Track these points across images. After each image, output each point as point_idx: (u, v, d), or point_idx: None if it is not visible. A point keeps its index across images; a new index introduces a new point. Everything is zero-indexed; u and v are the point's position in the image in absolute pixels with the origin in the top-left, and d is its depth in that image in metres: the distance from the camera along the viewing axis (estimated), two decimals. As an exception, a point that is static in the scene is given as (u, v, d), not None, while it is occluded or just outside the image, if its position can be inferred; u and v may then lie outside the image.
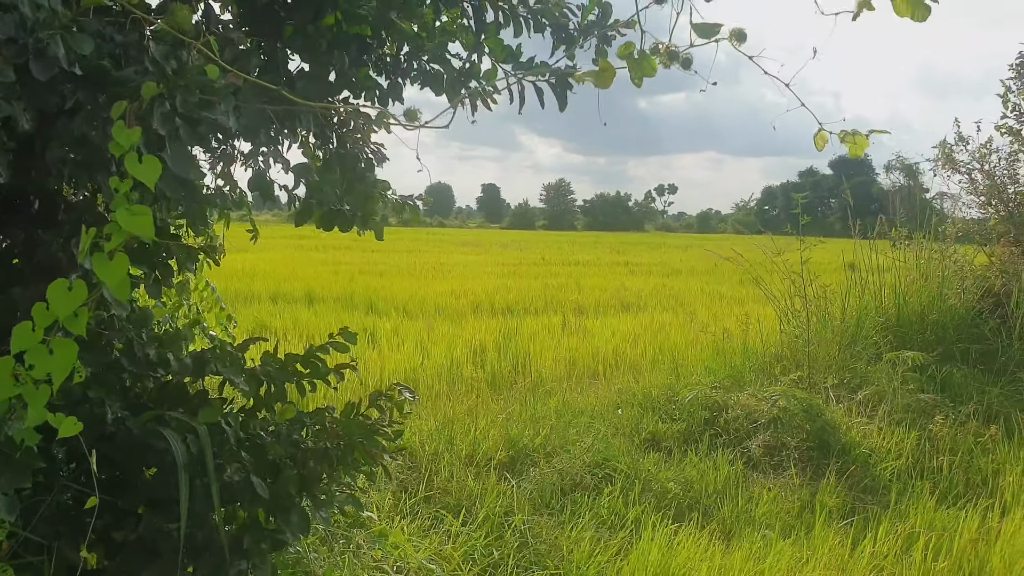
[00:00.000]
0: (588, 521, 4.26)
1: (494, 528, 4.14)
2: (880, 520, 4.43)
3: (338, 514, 3.61)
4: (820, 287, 7.54)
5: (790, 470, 5.06)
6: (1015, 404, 6.41)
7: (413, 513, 4.25)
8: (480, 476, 4.69)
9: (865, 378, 6.43)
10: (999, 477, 5.19)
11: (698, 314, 11.62)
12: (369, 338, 8.90)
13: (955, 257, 8.59)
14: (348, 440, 2.41)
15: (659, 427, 5.63)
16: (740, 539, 4.12)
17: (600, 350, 8.71)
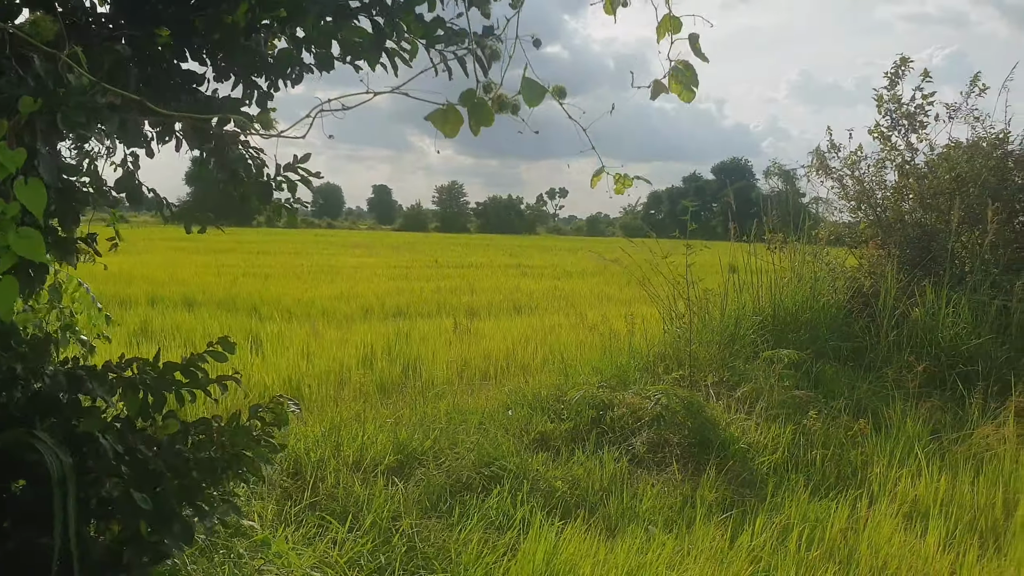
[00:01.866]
0: (477, 522, 4.27)
1: (381, 533, 4.10)
2: (758, 513, 4.61)
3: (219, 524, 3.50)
4: (702, 290, 7.81)
5: (672, 466, 5.20)
6: (882, 399, 6.77)
7: (297, 521, 4.17)
8: (367, 481, 4.63)
9: (743, 376, 6.67)
10: (868, 468, 5.46)
11: (588, 315, 11.81)
12: (252, 342, 8.68)
13: (827, 259, 9.03)
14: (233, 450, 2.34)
15: (548, 427, 5.69)
16: (624, 534, 4.21)
17: (492, 352, 8.75)
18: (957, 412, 6.63)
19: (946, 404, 6.75)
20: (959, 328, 7.51)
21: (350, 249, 35.75)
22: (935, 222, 8.83)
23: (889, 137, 9.20)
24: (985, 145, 8.81)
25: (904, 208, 9.26)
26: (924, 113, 9.04)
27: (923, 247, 8.73)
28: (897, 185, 9.29)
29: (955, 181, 8.68)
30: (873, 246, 9.10)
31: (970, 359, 7.24)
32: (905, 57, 9.14)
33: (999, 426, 6.09)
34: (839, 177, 9.48)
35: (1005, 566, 4.15)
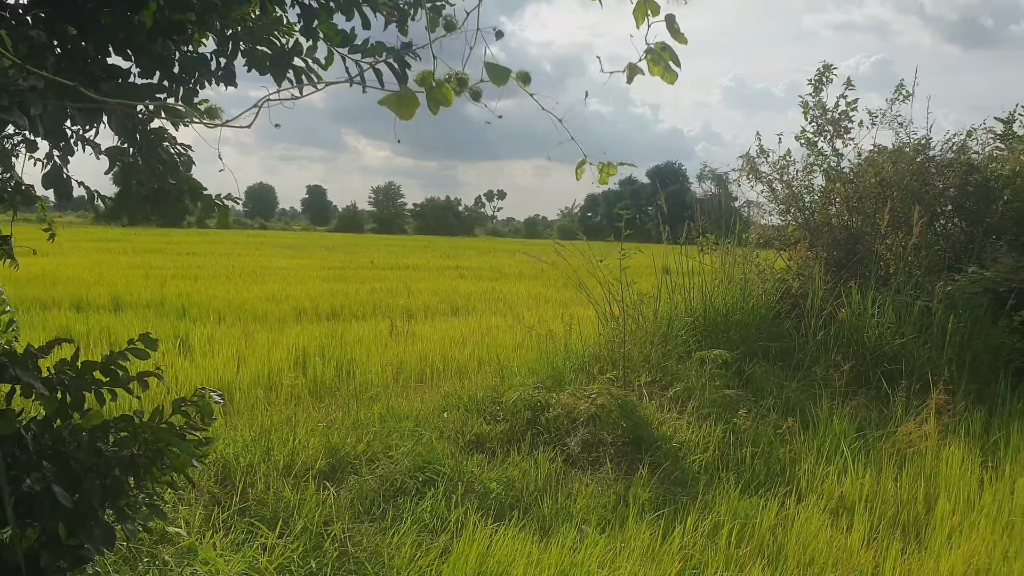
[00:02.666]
0: (410, 526, 4.23)
1: (312, 538, 4.04)
2: (689, 510, 4.67)
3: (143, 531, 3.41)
4: (637, 291, 7.89)
5: (607, 465, 5.24)
6: (810, 397, 6.92)
7: (226, 527, 4.08)
8: (299, 486, 4.56)
9: (676, 375, 6.76)
10: (796, 466, 5.59)
11: (525, 317, 11.83)
12: (181, 346, 8.48)
13: (757, 261, 9.20)
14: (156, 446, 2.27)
15: (484, 428, 5.68)
16: (557, 534, 4.22)
17: (428, 354, 8.71)
18: (882, 410, 6.82)
19: (871, 402, 6.95)
20: (883, 328, 7.72)
21: (283, 250, 35.21)
22: (861, 225, 9.08)
23: (815, 143, 9.42)
24: (908, 151, 9.09)
25: (831, 211, 9.50)
26: (848, 119, 9.29)
27: (849, 249, 8.96)
28: (824, 189, 9.52)
29: (880, 185, 8.93)
30: (801, 248, 9.31)
31: (894, 358, 7.45)
32: (828, 64, 9.38)
33: (921, 423, 6.28)
34: (769, 181, 9.67)
35: (925, 559, 4.28)
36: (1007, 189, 8.60)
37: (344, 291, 15.68)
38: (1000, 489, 5.26)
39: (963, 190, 8.90)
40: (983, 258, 8.11)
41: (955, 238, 9.00)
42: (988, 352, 7.75)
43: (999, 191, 8.64)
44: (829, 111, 9.31)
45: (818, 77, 9.37)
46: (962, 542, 4.44)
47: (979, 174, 8.94)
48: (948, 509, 4.90)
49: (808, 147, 9.42)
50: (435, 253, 38.16)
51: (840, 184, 9.33)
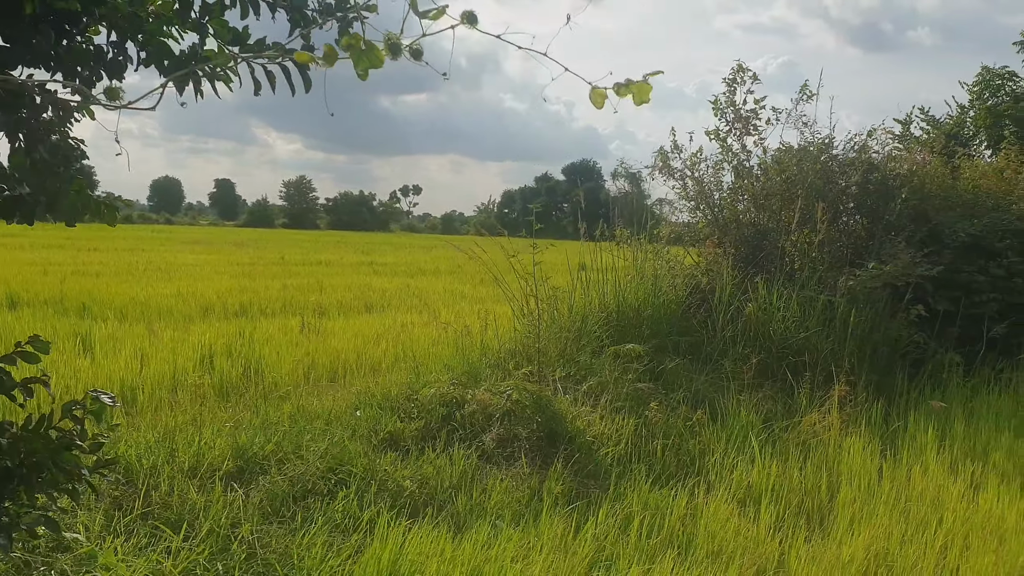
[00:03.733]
0: (321, 526, 4.15)
1: (219, 541, 3.92)
2: (602, 503, 4.71)
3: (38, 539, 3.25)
4: (552, 287, 7.92)
5: (521, 460, 5.24)
6: (719, 389, 7.08)
7: (128, 531, 3.92)
8: (205, 488, 4.42)
9: (590, 370, 6.81)
10: (705, 457, 5.70)
11: (441, 313, 11.78)
12: (82, 345, 8.13)
13: (668, 257, 9.35)
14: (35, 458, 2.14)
15: (398, 426, 5.61)
16: (472, 530, 4.20)
17: (341, 352, 8.57)
18: (787, 401, 7.03)
19: (777, 394, 7.14)
20: (789, 322, 7.94)
21: (190, 246, 34.21)
22: (767, 222, 9.32)
23: (725, 139, 9.62)
24: (813, 150, 9.37)
25: (739, 208, 9.73)
26: (756, 116, 9.52)
27: (756, 246, 9.19)
28: (733, 186, 9.75)
29: (786, 183, 9.20)
30: (710, 245, 9.51)
31: (799, 351, 7.67)
32: (742, 64, 9.60)
33: (824, 414, 6.49)
34: (681, 177, 9.83)
35: (828, 545, 4.42)
36: (904, 187, 8.96)
37: (253, 288, 15.32)
38: (898, 476, 5.48)
39: (864, 188, 9.23)
40: (882, 254, 8.43)
41: (856, 235, 9.34)
42: (887, 345, 8.07)
43: (897, 189, 8.99)
44: (739, 108, 9.52)
45: (733, 76, 9.57)
46: (863, 528, 4.60)
47: (879, 173, 9.29)
48: (850, 496, 5.07)
49: (719, 142, 9.62)
50: (349, 249, 37.68)
51: (748, 181, 9.57)
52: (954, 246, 8.76)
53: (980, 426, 6.67)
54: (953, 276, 8.57)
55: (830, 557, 4.23)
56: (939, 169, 9.77)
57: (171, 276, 17.48)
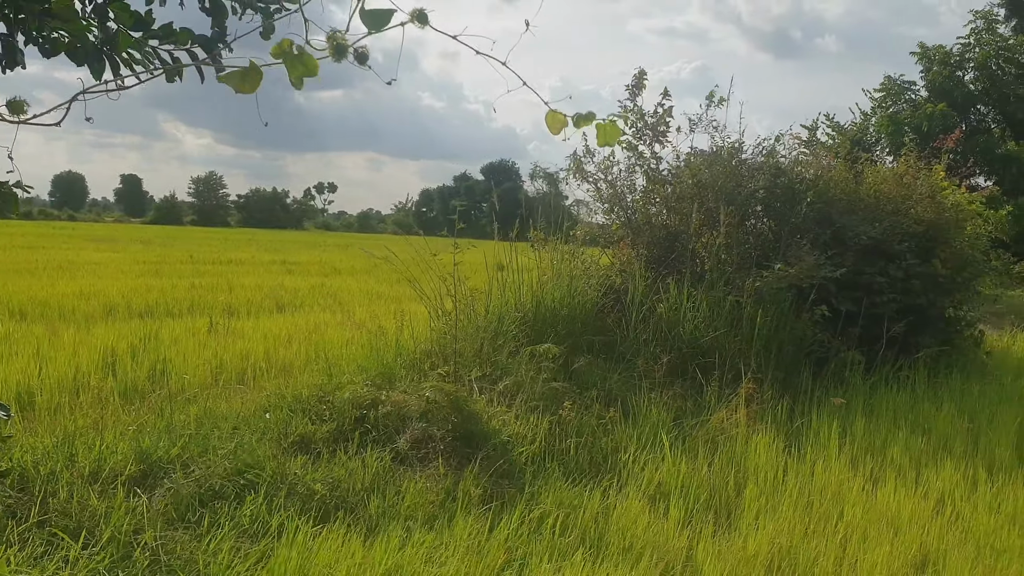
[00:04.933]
0: (228, 531, 4.04)
1: (121, 548, 3.79)
2: (516, 502, 4.73)
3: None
4: (469, 287, 7.91)
5: (436, 461, 5.21)
6: (631, 388, 7.17)
7: (23, 540, 3.75)
8: (106, 494, 4.25)
9: (506, 370, 6.83)
10: (617, 454, 5.77)
11: (355, 313, 11.64)
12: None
13: (584, 258, 9.45)
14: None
15: (309, 428, 5.50)
16: (384, 534, 4.16)
17: (251, 353, 8.38)
18: (697, 399, 7.18)
19: (687, 392, 7.29)
20: (698, 322, 8.12)
21: (94, 243, 32.97)
22: (678, 224, 9.51)
23: (636, 146, 9.77)
24: (723, 154, 9.60)
25: (652, 211, 9.90)
26: (665, 124, 9.69)
27: (668, 247, 9.36)
28: (646, 190, 9.91)
29: (696, 186, 9.39)
30: (624, 246, 9.65)
31: (708, 350, 7.85)
32: (642, 71, 9.73)
33: (732, 411, 6.66)
34: (595, 180, 9.95)
35: (735, 540, 4.53)
36: (810, 191, 9.25)
37: (160, 287, 14.86)
38: (802, 472, 5.66)
39: (771, 192, 9.49)
40: (788, 256, 8.69)
41: (764, 237, 9.60)
42: (792, 344, 8.32)
43: (803, 193, 9.27)
44: (647, 116, 9.68)
45: (635, 83, 9.71)
46: (768, 522, 4.74)
47: (786, 177, 9.56)
48: (756, 492, 5.21)
49: (629, 150, 9.76)
50: (260, 247, 36.91)
51: (660, 185, 9.74)
52: (856, 249, 9.09)
53: (879, 422, 6.94)
54: (855, 278, 8.90)
55: (736, 551, 4.34)
56: (843, 174, 10.11)
57: (73, 274, 16.83)
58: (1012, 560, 4.46)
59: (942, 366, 9.10)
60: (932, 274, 9.34)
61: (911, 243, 9.38)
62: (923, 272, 9.25)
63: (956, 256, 9.88)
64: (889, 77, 24.04)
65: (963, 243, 10.15)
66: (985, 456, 6.29)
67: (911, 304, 9.15)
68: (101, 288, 13.88)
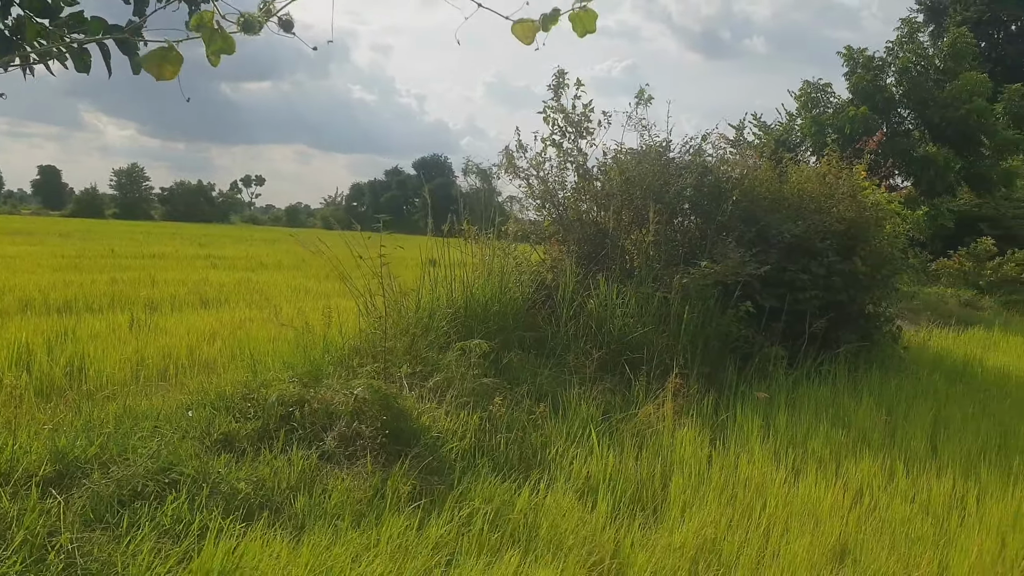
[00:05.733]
0: (149, 532, 3.93)
1: (35, 551, 3.65)
2: (446, 499, 4.71)
3: None
4: (400, 283, 7.84)
5: (365, 459, 5.15)
6: (561, 383, 7.22)
7: (-74, 548, 3.58)
8: (19, 495, 4.09)
9: (436, 366, 6.79)
10: (547, 449, 5.80)
11: (283, 309, 11.42)
12: None
13: (515, 254, 9.47)
14: None
15: (233, 427, 5.38)
16: (311, 533, 4.10)
17: (173, 349, 8.16)
18: (625, 394, 7.26)
19: (616, 387, 7.37)
20: (627, 318, 8.21)
21: (9, 236, 31.74)
22: (608, 221, 9.60)
23: (561, 144, 9.82)
24: (652, 152, 9.72)
25: (582, 208, 9.96)
26: (587, 120, 9.76)
27: (598, 244, 9.44)
28: (576, 186, 9.97)
29: (625, 184, 9.49)
30: (555, 242, 9.70)
31: (636, 346, 7.94)
32: (562, 70, 9.78)
33: (659, 405, 6.76)
34: (526, 176, 9.97)
35: (661, 532, 4.60)
36: (736, 190, 9.43)
37: (79, 281, 14.37)
38: (726, 464, 5.78)
39: (699, 190, 9.65)
40: (714, 253, 8.85)
41: (691, 234, 9.75)
42: (718, 339, 8.48)
43: (729, 192, 9.45)
44: (569, 114, 9.74)
45: (555, 82, 9.76)
46: (693, 515, 4.82)
47: (712, 176, 9.73)
48: (681, 484, 5.30)
49: (555, 147, 9.81)
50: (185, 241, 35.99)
51: (590, 182, 9.82)
52: (780, 246, 9.31)
53: (801, 416, 7.12)
54: (779, 274, 9.11)
55: (663, 543, 4.41)
56: (768, 173, 10.34)
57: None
58: (925, 548, 4.62)
59: (861, 361, 9.39)
60: (852, 271, 9.63)
61: (833, 241, 9.65)
62: (844, 269, 9.54)
63: (875, 254, 10.22)
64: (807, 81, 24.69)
65: (882, 241, 10.49)
66: (902, 448, 6.51)
67: (832, 300, 9.41)
68: (16, 282, 13.36)
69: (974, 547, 4.62)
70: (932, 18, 42.95)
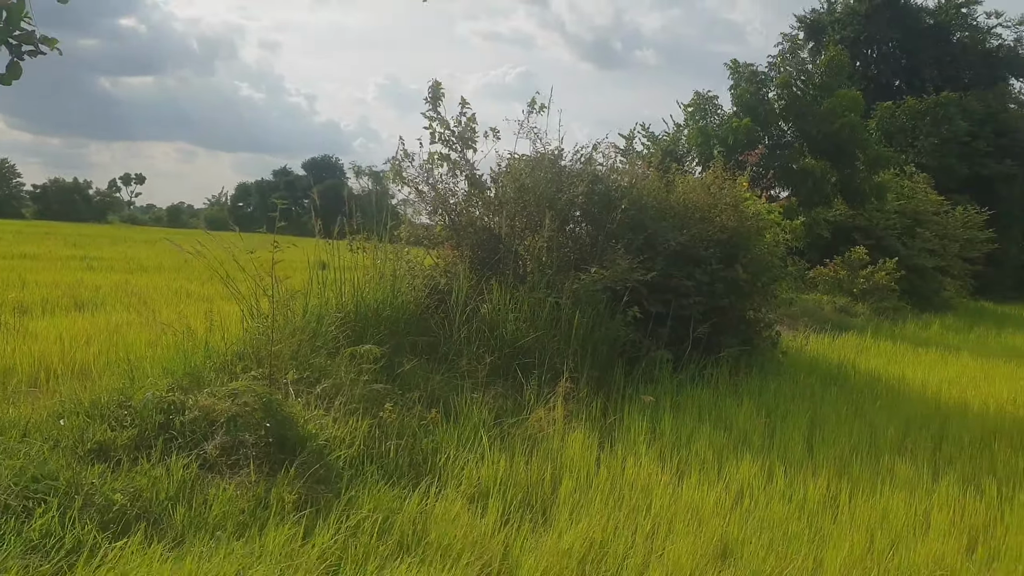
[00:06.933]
0: (16, 549, 3.71)
1: None
2: (333, 508, 4.62)
3: None
4: (287, 286, 7.64)
5: (248, 468, 4.99)
6: (454, 389, 7.19)
7: None
8: None
9: (325, 372, 6.66)
10: (438, 455, 5.77)
11: (163, 312, 10.98)
12: None
13: (408, 258, 9.39)
14: None
15: (108, 435, 5.14)
16: (191, 545, 3.95)
17: (44, 355, 7.73)
18: (517, 398, 7.30)
19: (508, 391, 7.40)
20: (520, 323, 8.26)
21: None
22: (502, 227, 9.64)
23: (448, 155, 9.81)
24: (545, 160, 9.82)
25: (475, 214, 9.98)
26: (472, 131, 9.79)
27: (492, 249, 9.46)
28: (468, 193, 9.98)
29: (518, 191, 9.56)
30: (448, 247, 9.68)
31: (529, 351, 8.00)
32: (437, 82, 9.78)
33: (550, 409, 6.82)
34: (415, 184, 9.91)
35: (550, 535, 4.64)
36: (625, 199, 9.62)
37: (-61, 283, 13.47)
38: (614, 466, 5.88)
39: (590, 198, 9.80)
40: (604, 260, 9.01)
41: (582, 241, 9.90)
42: (607, 343, 8.63)
43: (618, 200, 9.63)
44: (452, 126, 9.75)
45: (431, 94, 9.76)
46: (582, 517, 4.89)
47: (603, 184, 9.91)
48: (571, 487, 5.36)
49: (442, 159, 9.79)
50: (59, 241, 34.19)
51: (482, 190, 9.84)
52: (666, 253, 9.56)
53: (686, 418, 7.32)
54: (665, 281, 9.35)
55: (551, 547, 4.44)
56: (656, 183, 10.61)
57: None
58: (801, 545, 4.81)
59: (743, 365, 9.74)
60: (734, 278, 9.98)
61: (716, 249, 9.97)
62: (726, 276, 9.87)
63: (756, 262, 10.63)
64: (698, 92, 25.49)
65: (762, 250, 10.92)
66: (780, 449, 6.77)
67: (715, 306, 9.73)
68: None
69: (846, 543, 4.84)
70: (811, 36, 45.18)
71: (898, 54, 46.39)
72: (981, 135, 38.81)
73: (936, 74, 44.95)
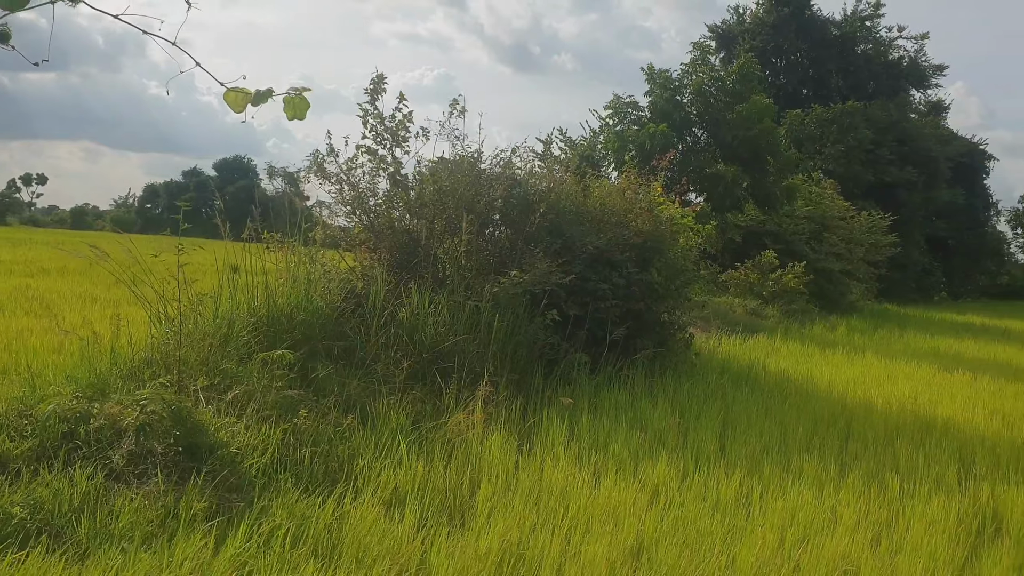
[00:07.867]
0: (-101, 569, 3.51)
1: None
2: (245, 517, 4.51)
3: None
4: (197, 290, 7.43)
5: (156, 477, 4.84)
6: (371, 394, 7.10)
7: None
8: None
9: (235, 378, 6.49)
10: (354, 461, 5.69)
11: (66, 318, 10.57)
12: None
13: (323, 261, 9.24)
14: None
15: (6, 446, 4.91)
16: (97, 557, 3.80)
17: (-64, 363, 7.34)
18: (436, 403, 7.26)
19: (427, 396, 7.35)
20: (439, 327, 8.22)
21: None
22: (421, 230, 9.59)
23: (376, 151, 9.72)
24: (464, 163, 9.81)
25: (394, 216, 9.89)
26: (405, 129, 9.74)
27: (411, 252, 9.40)
28: (389, 194, 9.89)
29: (438, 193, 9.52)
30: (365, 250, 9.57)
31: (448, 354, 7.96)
32: (381, 75, 9.72)
33: (469, 413, 6.81)
34: (337, 181, 9.77)
35: (468, 539, 4.63)
36: (543, 203, 9.69)
37: None
38: (532, 469, 5.90)
39: (508, 202, 9.84)
40: (523, 263, 9.05)
41: (501, 244, 9.93)
42: (526, 346, 8.67)
43: (537, 204, 9.68)
44: (386, 121, 9.67)
45: (373, 87, 9.67)
46: (499, 520, 4.88)
47: (521, 188, 9.96)
48: (489, 491, 5.36)
49: (369, 154, 9.69)
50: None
51: (402, 190, 9.77)
52: (583, 257, 9.65)
53: (603, 419, 7.40)
54: (582, 284, 9.44)
55: (469, 550, 4.43)
56: (573, 187, 10.71)
57: None
58: (715, 543, 4.91)
59: (658, 366, 9.91)
60: (649, 282, 10.16)
61: (632, 253, 10.12)
62: (642, 280, 10.03)
63: (670, 266, 10.84)
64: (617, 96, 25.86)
65: (676, 254, 11.14)
66: (693, 448, 6.90)
67: (631, 309, 9.87)
68: None
69: (758, 540, 4.96)
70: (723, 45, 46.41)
71: (805, 64, 48.11)
72: (884, 143, 40.62)
73: (842, 84, 46.83)
